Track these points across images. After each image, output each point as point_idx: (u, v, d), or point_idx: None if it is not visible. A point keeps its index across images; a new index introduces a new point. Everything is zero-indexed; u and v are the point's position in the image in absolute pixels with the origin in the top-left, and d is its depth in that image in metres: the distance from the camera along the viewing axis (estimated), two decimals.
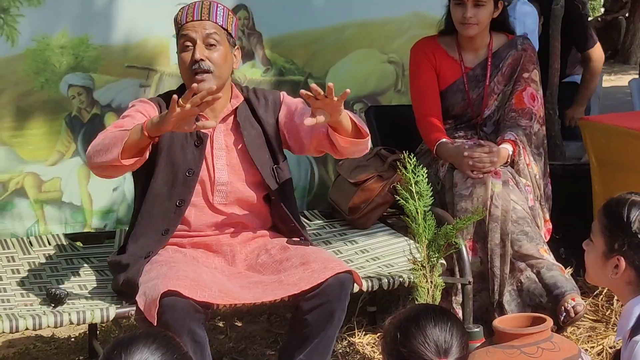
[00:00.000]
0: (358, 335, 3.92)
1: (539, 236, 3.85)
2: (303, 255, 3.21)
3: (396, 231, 3.95)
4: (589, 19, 8.63)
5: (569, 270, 3.91)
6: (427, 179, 3.39)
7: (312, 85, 2.98)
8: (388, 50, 4.86)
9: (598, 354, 3.69)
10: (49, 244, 3.78)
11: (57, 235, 3.91)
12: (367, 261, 3.68)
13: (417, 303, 3.25)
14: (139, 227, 3.28)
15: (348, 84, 4.78)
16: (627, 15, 15.25)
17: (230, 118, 3.34)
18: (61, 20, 4.22)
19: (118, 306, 3.15)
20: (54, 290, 3.20)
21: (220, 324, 4.18)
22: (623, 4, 15.24)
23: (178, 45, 3.27)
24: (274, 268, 3.22)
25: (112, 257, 3.34)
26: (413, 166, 3.36)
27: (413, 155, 3.42)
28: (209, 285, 3.01)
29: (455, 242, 3.44)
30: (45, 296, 3.23)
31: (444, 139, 3.97)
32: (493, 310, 3.78)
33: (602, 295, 4.05)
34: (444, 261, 3.50)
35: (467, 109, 4.12)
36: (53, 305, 3.16)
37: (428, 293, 3.33)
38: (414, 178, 3.36)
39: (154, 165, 3.24)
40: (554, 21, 4.82)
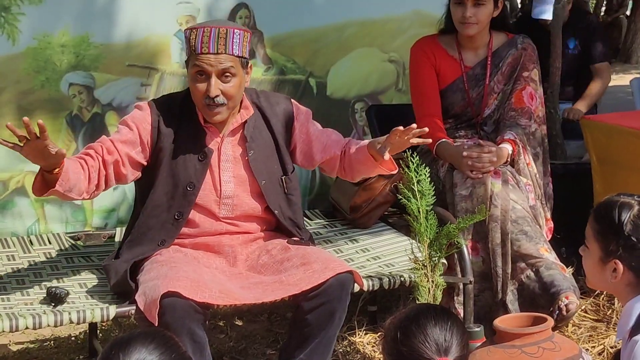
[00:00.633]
0: (359, 334, 3.91)
1: (540, 235, 3.84)
2: (304, 255, 3.21)
3: (397, 230, 3.95)
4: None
5: (570, 269, 3.90)
6: (429, 179, 3.39)
7: (413, 125, 3.07)
8: (389, 49, 4.85)
9: (599, 354, 3.68)
10: (50, 243, 3.79)
11: (58, 234, 3.91)
12: (368, 260, 3.67)
13: (418, 302, 3.25)
14: (136, 235, 3.28)
15: (349, 83, 4.81)
16: (629, 14, 15.26)
17: (239, 130, 3.32)
18: (62, 18, 4.21)
19: (118, 305, 3.15)
20: (54, 289, 3.20)
21: (220, 323, 4.17)
22: (620, 4, 15.25)
23: (190, 69, 3.19)
24: (275, 268, 3.22)
25: (107, 262, 3.35)
26: (415, 165, 3.36)
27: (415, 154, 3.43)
28: (210, 285, 3.01)
29: (457, 242, 3.44)
30: (45, 295, 3.23)
31: (444, 139, 3.96)
32: (497, 309, 3.78)
33: (603, 295, 4.05)
34: (445, 261, 3.50)
35: (467, 108, 4.11)
36: (53, 304, 3.16)
37: (429, 292, 3.32)
38: (417, 177, 3.35)
39: (155, 176, 3.24)
40: (556, 20, 4.81)
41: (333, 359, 3.53)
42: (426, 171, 3.38)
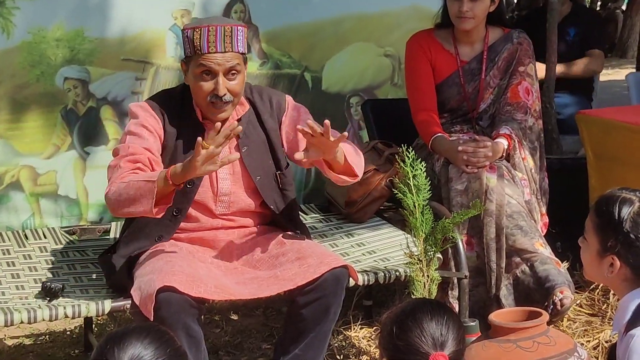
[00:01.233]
0: (354, 329, 3.91)
1: (535, 230, 3.85)
2: (299, 250, 3.21)
3: (393, 225, 3.94)
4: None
5: (565, 264, 3.90)
6: (425, 173, 3.39)
7: (326, 122, 2.93)
8: (385, 43, 4.85)
9: (594, 348, 3.69)
10: (45, 237, 3.78)
11: (53, 228, 3.90)
12: (363, 255, 3.67)
13: (414, 297, 3.25)
14: (133, 230, 3.27)
15: (345, 77, 4.80)
16: (625, 8, 15.27)
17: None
18: (57, 12, 4.20)
19: (113, 300, 3.14)
20: (49, 283, 3.20)
21: (216, 318, 4.18)
22: None
23: (194, 68, 3.15)
24: (270, 263, 3.22)
25: (103, 256, 3.34)
26: (411, 160, 3.36)
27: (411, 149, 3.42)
28: (205, 280, 3.00)
29: (452, 237, 3.44)
30: (40, 289, 3.22)
31: (440, 134, 3.96)
32: (490, 304, 3.78)
33: (599, 289, 4.05)
34: (440, 255, 3.50)
35: (463, 103, 4.11)
36: (48, 298, 3.16)
37: (424, 287, 3.32)
38: (412, 172, 3.35)
39: None
40: (552, 15, 4.81)
41: (328, 354, 3.54)
42: (422, 166, 3.37)
